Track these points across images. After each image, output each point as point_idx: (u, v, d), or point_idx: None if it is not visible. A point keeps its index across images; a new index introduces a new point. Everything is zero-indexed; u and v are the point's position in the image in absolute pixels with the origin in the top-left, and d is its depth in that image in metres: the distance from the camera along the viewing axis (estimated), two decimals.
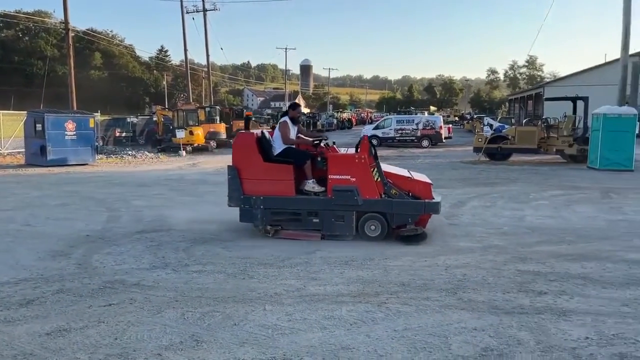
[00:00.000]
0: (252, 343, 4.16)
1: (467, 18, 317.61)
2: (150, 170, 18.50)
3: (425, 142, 29.68)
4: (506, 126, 29.30)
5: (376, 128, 31.57)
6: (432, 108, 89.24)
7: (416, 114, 46.59)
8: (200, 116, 28.46)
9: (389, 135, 30.36)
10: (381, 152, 24.84)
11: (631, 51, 21.55)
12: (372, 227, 7.51)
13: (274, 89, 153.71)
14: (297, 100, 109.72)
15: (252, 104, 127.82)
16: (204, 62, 43.72)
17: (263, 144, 7.90)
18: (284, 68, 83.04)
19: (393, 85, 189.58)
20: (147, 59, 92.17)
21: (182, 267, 6.34)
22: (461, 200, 11.21)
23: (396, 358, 3.89)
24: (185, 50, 39.52)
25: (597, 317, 4.68)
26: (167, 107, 45.67)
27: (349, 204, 7.41)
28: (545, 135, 20.75)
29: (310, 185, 7.68)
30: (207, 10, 39.88)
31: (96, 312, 4.87)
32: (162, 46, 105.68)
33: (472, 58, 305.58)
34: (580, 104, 19.94)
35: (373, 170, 7.52)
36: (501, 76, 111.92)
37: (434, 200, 7.63)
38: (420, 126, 30.20)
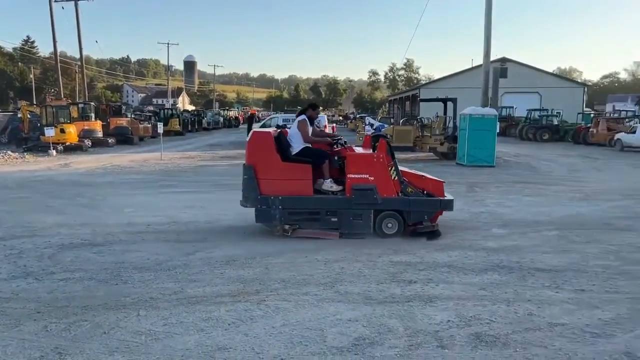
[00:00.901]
0: (122, 351, 3.97)
1: (349, 21, 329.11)
2: (14, 171, 16.85)
3: None
4: (386, 125, 30.74)
5: (263, 127, 31.51)
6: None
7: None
8: (72, 113, 26.46)
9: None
10: None
11: (493, 57, 23.65)
12: (389, 225, 7.58)
13: (156, 85, 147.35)
14: (181, 97, 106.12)
15: (133, 101, 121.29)
16: (78, 55, 40.59)
17: (281, 143, 7.73)
18: (167, 64, 79.77)
19: (280, 84, 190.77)
20: (11, 50, 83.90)
21: (47, 275, 5.86)
22: None
23: (272, 354, 3.94)
24: (55, 41, 36.48)
25: (458, 301, 5.10)
26: (35, 102, 41.83)
27: (368, 203, 7.44)
28: (420, 134, 22.13)
29: (328, 184, 7.63)
30: None
31: None
32: (27, 36, 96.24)
33: (355, 60, 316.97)
34: (450, 105, 21.50)
35: (391, 169, 7.62)
36: (382, 78, 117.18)
37: (448, 198, 7.88)
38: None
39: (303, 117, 8.06)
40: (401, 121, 32.57)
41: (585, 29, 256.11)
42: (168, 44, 67.33)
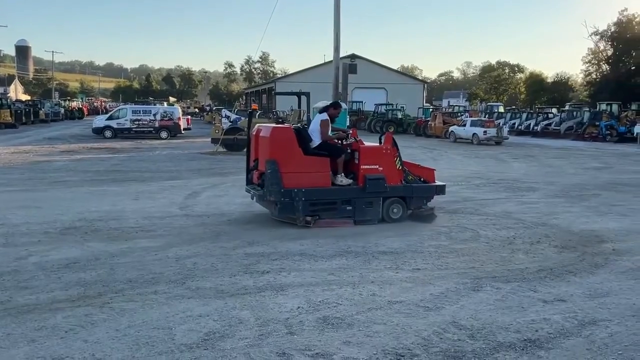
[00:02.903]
0: None
1: (204, 10, 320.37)
2: None
3: (164, 134, 28.93)
4: (242, 118, 30.63)
5: (110, 118, 29.47)
6: (172, 99, 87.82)
7: (155, 104, 45.11)
8: None
9: (125, 126, 28.68)
10: (115, 145, 23.42)
11: (343, 54, 24.77)
12: (395, 210, 8.31)
13: None
14: (13, 86, 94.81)
15: None
16: None
17: (302, 138, 8.03)
18: None
19: (130, 74, 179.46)
20: None
21: None
22: (196, 191, 11.31)
23: (115, 358, 3.72)
24: None
25: (308, 287, 5.29)
26: None
27: (378, 191, 8.07)
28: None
29: (339, 179, 8.12)
30: None
31: None
32: None
33: (210, 51, 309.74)
34: (304, 99, 22.06)
35: (396, 160, 8.33)
36: (238, 70, 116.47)
37: (441, 184, 8.95)
38: (158, 117, 29.29)
39: (325, 116, 8.29)
40: (257, 114, 32.65)
41: (425, 30, 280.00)
42: None
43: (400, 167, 8.53)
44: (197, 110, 71.63)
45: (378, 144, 8.70)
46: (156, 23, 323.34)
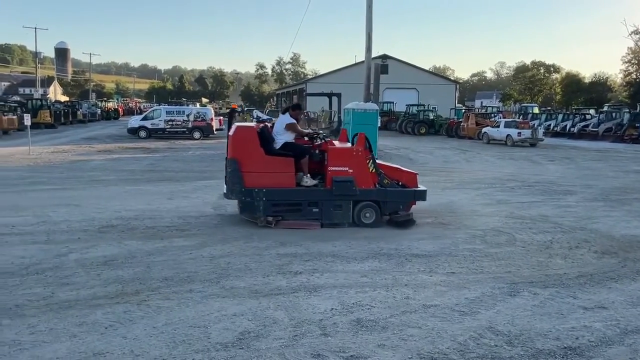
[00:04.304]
0: None
1: (235, 12, 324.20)
2: None
3: (196, 134, 29.34)
4: (273, 119, 30.84)
5: (145, 119, 30.05)
6: (204, 100, 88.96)
7: (188, 105, 45.83)
8: None
9: (159, 127, 29.20)
10: (150, 145, 23.87)
11: (374, 54, 24.63)
12: (367, 215, 7.97)
13: (22, 73, 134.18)
14: (52, 87, 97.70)
15: None
16: None
17: (264, 138, 7.94)
18: (35, 50, 72.88)
19: (163, 75, 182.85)
20: None
21: None
22: None
23: (153, 355, 3.79)
24: None
25: (341, 289, 5.28)
26: None
27: (347, 194, 7.81)
28: (307, 127, 22.49)
29: (304, 180, 7.95)
30: None
31: None
32: None
33: (242, 52, 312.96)
34: (335, 100, 22.07)
35: (368, 162, 7.99)
36: (269, 71, 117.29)
37: (421, 189, 8.34)
38: (192, 118, 29.74)
39: (289, 118, 8.21)
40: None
41: (457, 30, 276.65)
42: (35, 28, 61.53)
43: (374, 170, 8.17)
44: (228, 111, 72.40)
45: (349, 145, 8.40)
46: (189, 25, 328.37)
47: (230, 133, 8.13)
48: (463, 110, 41.78)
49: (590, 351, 3.98)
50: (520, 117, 39.33)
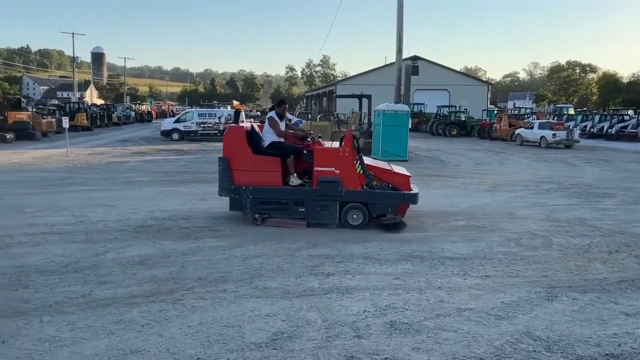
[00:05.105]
0: None
1: (265, 15, 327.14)
2: None
3: None
4: (303, 121, 30.94)
5: (177, 121, 30.55)
6: (235, 102, 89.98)
7: (219, 107, 46.41)
8: None
9: (192, 129, 29.65)
10: (182, 147, 24.25)
11: (405, 55, 24.47)
12: (355, 216, 7.91)
13: (60, 77, 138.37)
14: (88, 91, 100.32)
15: (34, 93, 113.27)
16: None
17: (252, 137, 8.18)
18: (72, 55, 74.97)
19: (195, 78, 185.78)
20: None
21: None
22: None
23: (189, 354, 3.84)
24: None
25: (374, 291, 5.24)
26: None
27: (332, 195, 7.80)
28: (337, 129, 22.48)
29: (291, 179, 8.04)
30: None
31: None
32: None
33: (272, 55, 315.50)
34: (365, 101, 22.03)
35: (356, 163, 7.93)
36: (299, 73, 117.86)
37: (412, 192, 8.08)
38: (223, 120, 30.12)
39: (271, 114, 8.46)
40: (318, 117, 32.91)
41: (489, 31, 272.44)
42: (73, 34, 63.27)
43: (361, 171, 8.06)
44: (259, 113, 73.03)
45: (337, 146, 8.26)
46: (221, 28, 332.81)
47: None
48: (495, 112, 41.10)
49: (633, 358, 3.85)
50: (555, 118, 38.44)
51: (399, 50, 22.28)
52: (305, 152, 8.33)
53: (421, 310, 4.74)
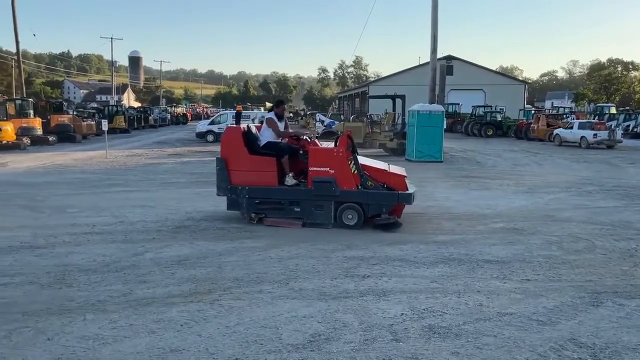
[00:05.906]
0: (68, 357, 3.79)
1: (298, 17, 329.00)
2: None
3: None
4: (336, 122, 30.93)
5: (212, 123, 31.01)
6: (268, 104, 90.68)
7: (253, 109, 46.87)
8: (9, 110, 25.15)
9: None
10: (217, 148, 24.58)
11: (439, 55, 24.16)
12: (350, 216, 7.93)
13: (99, 81, 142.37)
14: (126, 94, 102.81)
15: (75, 97, 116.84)
16: (14, 49, 38.56)
17: (249, 138, 8.31)
18: (111, 59, 77.07)
19: (229, 81, 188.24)
20: None
21: None
22: None
23: (227, 354, 3.86)
24: None
25: (411, 294, 5.17)
26: None
27: (327, 194, 7.84)
28: (370, 130, 22.38)
29: (287, 179, 8.11)
30: None
31: None
32: None
33: (304, 56, 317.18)
34: (398, 102, 21.84)
35: (350, 163, 7.97)
36: (331, 75, 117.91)
37: (407, 192, 8.06)
38: (257, 122, 30.42)
39: (270, 115, 8.59)
40: (351, 118, 32.87)
41: (525, 29, 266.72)
42: (112, 38, 64.98)
43: (356, 171, 8.00)
44: (292, 114, 73.47)
45: (332, 146, 8.23)
46: (253, 31, 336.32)
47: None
48: (533, 111, 40.18)
49: None
50: (596, 117, 37.33)
51: (434, 50, 22.03)
52: (301, 152, 8.36)
53: (460, 314, 4.65)
